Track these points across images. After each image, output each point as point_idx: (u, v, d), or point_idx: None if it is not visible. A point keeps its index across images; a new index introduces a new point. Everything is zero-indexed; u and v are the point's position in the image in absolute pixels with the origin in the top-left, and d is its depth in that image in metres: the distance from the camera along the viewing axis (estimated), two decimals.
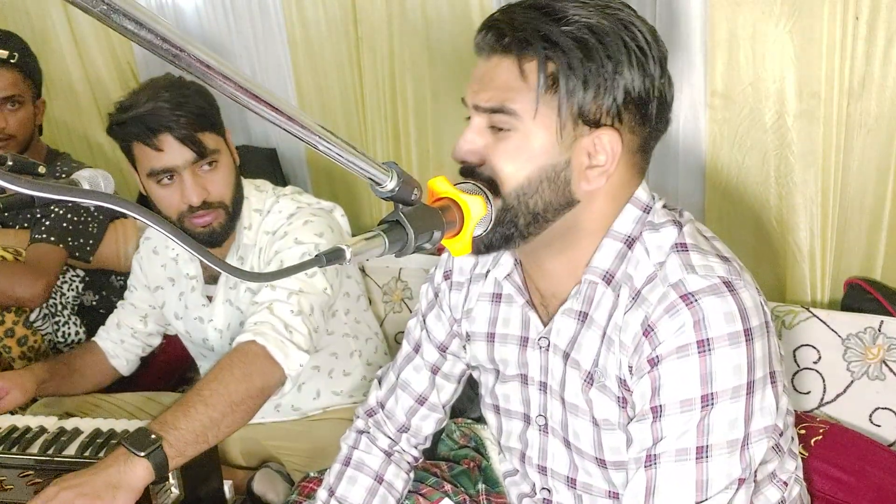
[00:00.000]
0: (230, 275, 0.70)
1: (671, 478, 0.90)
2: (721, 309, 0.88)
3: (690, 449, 0.89)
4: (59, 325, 2.06)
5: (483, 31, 0.93)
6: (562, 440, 1.08)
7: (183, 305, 1.70)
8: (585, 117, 0.90)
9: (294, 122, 0.64)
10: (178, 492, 1.23)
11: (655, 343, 0.90)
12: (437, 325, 1.24)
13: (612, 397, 0.99)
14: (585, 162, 0.93)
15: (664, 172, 1.81)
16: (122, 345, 1.78)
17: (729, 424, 0.88)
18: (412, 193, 0.79)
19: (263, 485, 1.49)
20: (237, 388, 1.29)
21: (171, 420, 1.21)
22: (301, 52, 2.29)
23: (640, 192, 0.99)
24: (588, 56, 0.87)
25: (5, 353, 1.90)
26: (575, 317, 1.02)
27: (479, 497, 1.32)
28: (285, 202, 1.60)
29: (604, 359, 0.99)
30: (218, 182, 1.49)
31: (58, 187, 0.61)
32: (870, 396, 1.46)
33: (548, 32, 0.88)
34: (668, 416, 0.90)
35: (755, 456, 0.91)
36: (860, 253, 1.65)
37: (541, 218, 0.95)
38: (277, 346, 1.36)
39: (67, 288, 2.10)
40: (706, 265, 0.91)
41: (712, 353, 0.87)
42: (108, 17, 0.49)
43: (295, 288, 1.44)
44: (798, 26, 1.54)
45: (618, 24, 0.89)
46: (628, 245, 0.97)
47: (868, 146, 1.56)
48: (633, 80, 0.89)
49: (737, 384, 0.88)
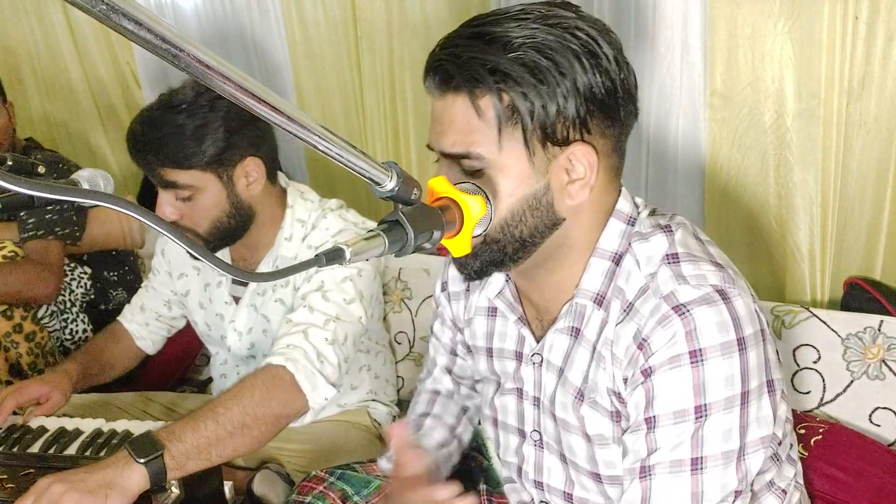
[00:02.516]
0: (230, 275, 0.70)
1: (666, 490, 0.89)
2: (713, 319, 0.86)
3: (685, 461, 0.88)
4: (66, 323, 2.06)
5: (430, 74, 0.90)
6: (558, 455, 1.08)
7: (208, 297, 1.68)
8: (553, 138, 0.87)
9: (294, 122, 0.64)
10: (178, 492, 1.23)
11: (648, 354, 0.89)
12: (443, 332, 1.28)
13: (604, 413, 0.98)
14: (565, 179, 0.91)
15: (663, 172, 1.81)
16: (148, 327, 1.77)
17: (723, 436, 0.87)
18: (412, 193, 0.78)
19: (264, 486, 1.49)
20: (253, 410, 1.26)
21: (179, 431, 1.20)
22: (301, 51, 2.29)
23: (622, 204, 0.97)
24: (540, 79, 0.84)
25: (13, 348, 1.90)
26: (568, 332, 1.01)
27: (480, 497, 1.33)
28: (332, 219, 1.55)
29: (594, 374, 0.98)
30: (191, 214, 1.44)
31: (58, 187, 0.61)
32: (869, 396, 1.46)
33: (495, 64, 0.84)
34: (661, 428, 0.89)
35: (751, 467, 0.89)
36: (860, 252, 1.65)
37: (528, 243, 0.94)
38: (307, 375, 1.34)
39: (77, 285, 2.10)
40: (698, 275, 0.90)
41: (704, 363, 0.86)
42: (108, 18, 0.49)
43: (332, 314, 1.42)
44: (797, 26, 1.54)
45: (563, 33, 0.86)
46: (616, 262, 0.95)
47: (868, 146, 1.56)
48: (591, 85, 0.86)
49: (730, 395, 0.87)
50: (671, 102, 1.74)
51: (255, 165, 1.46)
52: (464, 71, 0.86)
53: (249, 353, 1.66)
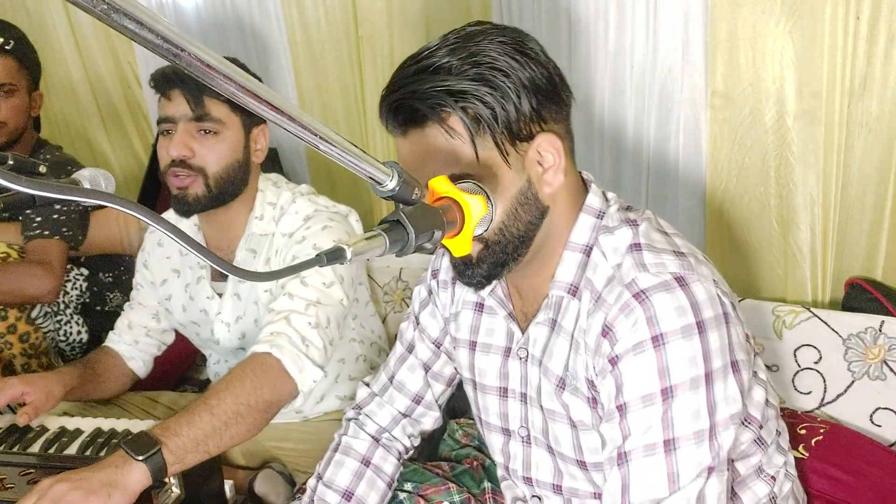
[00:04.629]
0: (231, 274, 0.70)
1: (642, 473, 0.92)
2: (671, 304, 0.91)
3: (658, 443, 0.91)
4: (60, 324, 2.06)
5: (391, 114, 0.96)
6: (545, 448, 1.11)
7: (189, 297, 1.69)
8: (519, 135, 0.95)
9: (295, 122, 0.64)
10: (178, 491, 1.24)
11: (614, 342, 0.93)
12: (430, 321, 1.27)
13: (583, 399, 1.01)
14: (539, 170, 0.97)
15: (664, 173, 1.80)
16: (137, 346, 1.76)
17: (692, 415, 0.90)
18: (413, 193, 0.79)
19: (266, 486, 1.49)
20: (246, 399, 1.28)
21: (174, 426, 1.21)
22: (301, 52, 2.29)
23: (591, 199, 1.03)
24: (492, 85, 0.92)
25: (6, 349, 1.89)
26: (547, 324, 1.06)
27: (483, 496, 1.33)
28: (302, 202, 1.57)
29: (573, 362, 1.02)
30: (207, 148, 1.48)
31: (59, 187, 0.61)
32: (871, 396, 1.46)
33: (449, 87, 0.92)
34: (632, 413, 0.93)
35: (724, 444, 0.92)
36: (861, 253, 1.65)
37: (526, 238, 1.00)
38: (293, 360, 1.35)
39: (71, 287, 2.10)
40: (658, 262, 0.94)
41: (666, 346, 0.90)
42: (109, 17, 0.49)
43: (313, 299, 1.43)
44: (798, 26, 1.54)
45: (490, 44, 0.94)
46: (586, 254, 1.01)
47: (869, 146, 1.56)
48: (533, 78, 0.94)
49: (693, 375, 0.90)
50: (672, 102, 1.74)
51: (263, 136, 1.57)
52: (426, 101, 0.93)
53: (240, 345, 1.66)
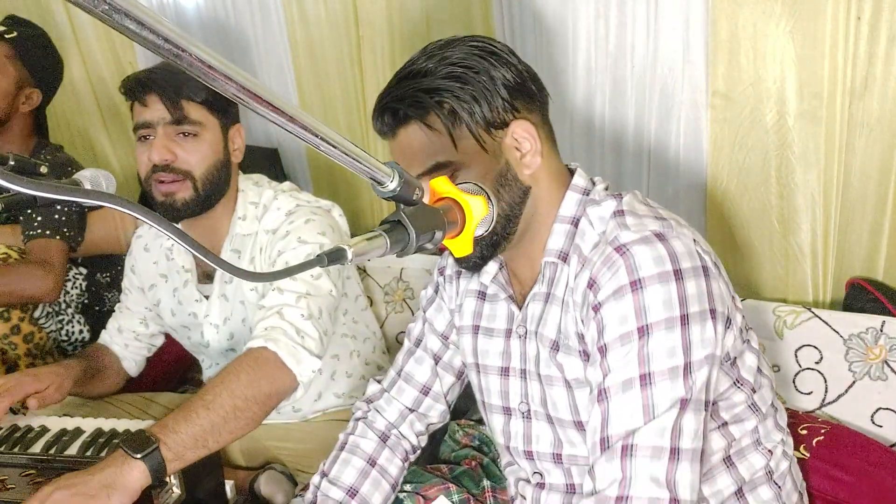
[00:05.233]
0: (231, 274, 0.70)
1: (620, 407, 0.97)
2: (650, 254, 0.98)
3: (634, 378, 0.97)
4: (62, 324, 2.06)
5: (380, 117, 1.09)
6: (545, 418, 1.15)
7: (177, 301, 1.70)
8: (493, 124, 1.05)
9: (296, 123, 0.64)
10: (179, 491, 1.24)
11: (597, 290, 1.01)
12: (438, 316, 1.32)
13: (575, 355, 1.08)
14: (517, 154, 1.07)
15: (665, 173, 1.80)
16: (128, 348, 1.78)
17: (668, 353, 0.96)
18: (414, 193, 0.79)
19: (270, 486, 1.49)
20: (242, 393, 1.27)
21: (172, 424, 1.20)
22: (302, 51, 2.29)
23: (577, 180, 1.13)
24: (464, 81, 1.04)
25: (11, 350, 1.90)
26: (542, 298, 1.13)
27: (483, 495, 1.33)
28: (284, 199, 1.59)
29: (564, 323, 1.09)
30: (189, 151, 1.49)
31: (59, 187, 0.61)
32: (871, 397, 1.46)
33: (427, 86, 1.04)
34: (611, 352, 0.99)
35: (698, 380, 0.97)
36: (862, 253, 1.65)
37: (511, 216, 1.08)
38: (290, 352, 1.35)
39: (72, 286, 2.10)
40: (639, 223, 1.02)
41: (644, 290, 0.97)
42: (110, 17, 0.49)
43: (302, 291, 1.44)
44: (799, 26, 1.54)
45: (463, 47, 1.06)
46: (574, 224, 1.10)
47: (870, 146, 1.56)
48: (503, 76, 1.05)
49: (669, 316, 0.96)
50: (673, 102, 1.74)
51: (239, 135, 1.58)
52: (406, 101, 1.05)
53: (230, 346, 1.66)
